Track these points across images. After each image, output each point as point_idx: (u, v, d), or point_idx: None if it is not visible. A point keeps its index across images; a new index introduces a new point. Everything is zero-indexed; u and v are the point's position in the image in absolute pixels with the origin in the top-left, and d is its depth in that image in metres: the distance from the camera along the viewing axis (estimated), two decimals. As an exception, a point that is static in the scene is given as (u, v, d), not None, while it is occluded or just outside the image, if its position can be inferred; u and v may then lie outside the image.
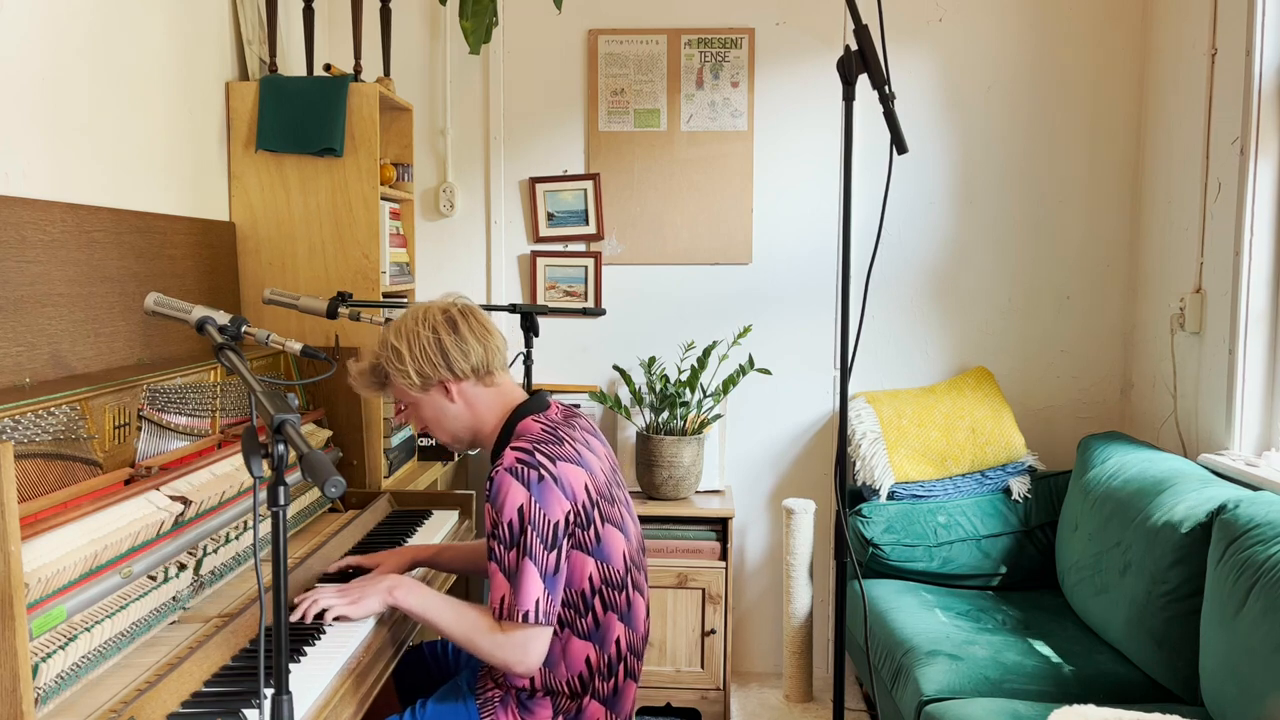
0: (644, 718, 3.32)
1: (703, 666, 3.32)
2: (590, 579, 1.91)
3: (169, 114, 2.57)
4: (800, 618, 3.36)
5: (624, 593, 1.97)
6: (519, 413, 2.00)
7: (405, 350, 1.94)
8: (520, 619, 1.81)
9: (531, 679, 1.93)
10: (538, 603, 1.82)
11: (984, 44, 3.48)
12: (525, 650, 1.84)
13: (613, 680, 1.96)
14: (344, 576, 2.19)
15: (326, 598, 1.93)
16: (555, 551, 1.85)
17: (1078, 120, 3.49)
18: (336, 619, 1.91)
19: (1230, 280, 2.85)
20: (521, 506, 1.82)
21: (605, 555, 1.93)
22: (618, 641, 1.96)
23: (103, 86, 2.28)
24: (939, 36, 3.49)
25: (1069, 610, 2.94)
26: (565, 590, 1.89)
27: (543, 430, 1.94)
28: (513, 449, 1.88)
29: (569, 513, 1.87)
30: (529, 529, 1.82)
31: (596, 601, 1.93)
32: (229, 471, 2.10)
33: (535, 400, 2.03)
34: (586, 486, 1.91)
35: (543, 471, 1.85)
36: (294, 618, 1.90)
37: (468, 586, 3.50)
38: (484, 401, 2.00)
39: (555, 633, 1.91)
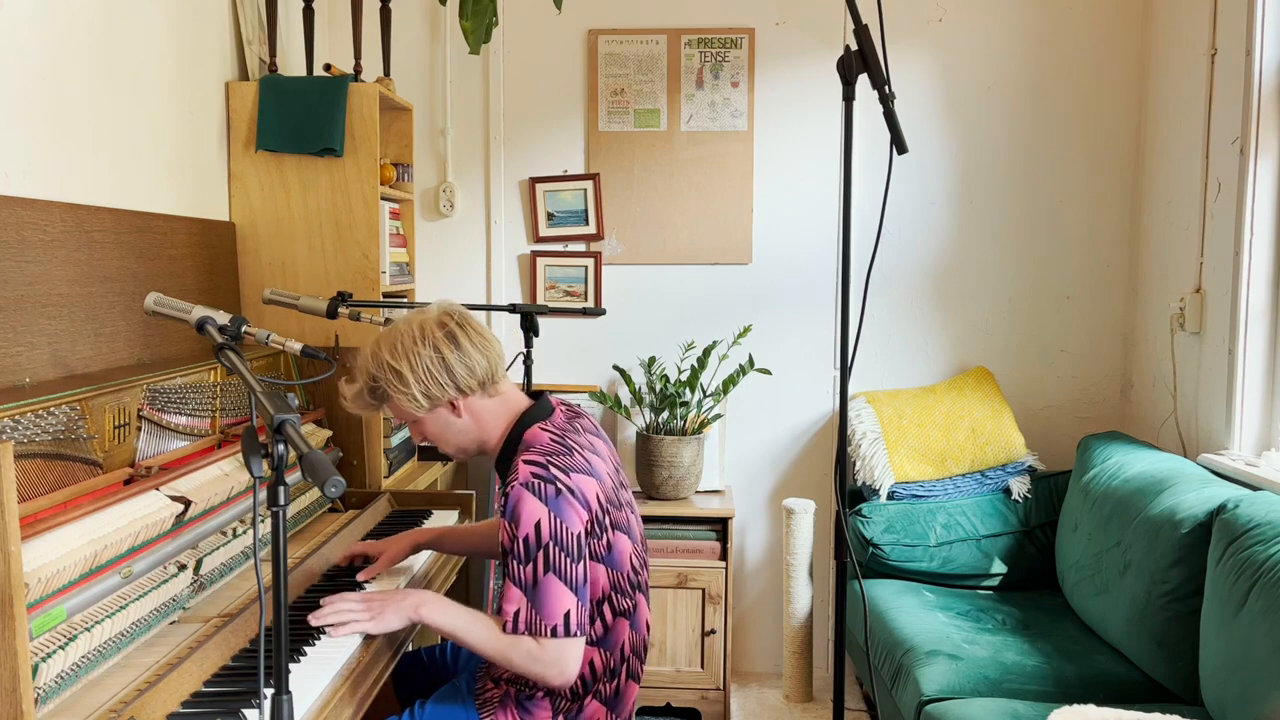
0: (644, 718, 3.32)
1: (703, 666, 3.32)
2: (603, 587, 1.91)
3: (169, 114, 2.57)
4: (800, 618, 3.36)
5: (630, 596, 1.96)
6: (524, 421, 1.97)
7: (408, 372, 1.88)
8: (549, 633, 1.79)
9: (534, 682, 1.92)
10: (569, 615, 1.80)
11: (984, 44, 3.48)
12: (563, 663, 1.81)
13: (614, 682, 1.96)
14: (351, 565, 2.26)
15: (349, 610, 1.88)
16: (581, 562, 1.83)
17: (1078, 120, 3.49)
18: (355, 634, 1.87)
19: (1230, 280, 2.85)
20: (540, 522, 1.79)
21: (615, 561, 1.92)
22: (622, 644, 1.96)
23: (103, 86, 2.28)
24: (939, 36, 3.49)
25: (1069, 610, 2.94)
26: None
27: (551, 440, 1.91)
28: (526, 463, 1.85)
29: (587, 522, 1.86)
30: (550, 544, 1.79)
31: (606, 608, 1.92)
32: (229, 471, 2.10)
33: (539, 406, 1.99)
34: (598, 496, 1.89)
35: (559, 485, 1.82)
36: (316, 623, 1.86)
37: (468, 588, 3.50)
38: (490, 412, 1.96)
39: None
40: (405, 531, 2.31)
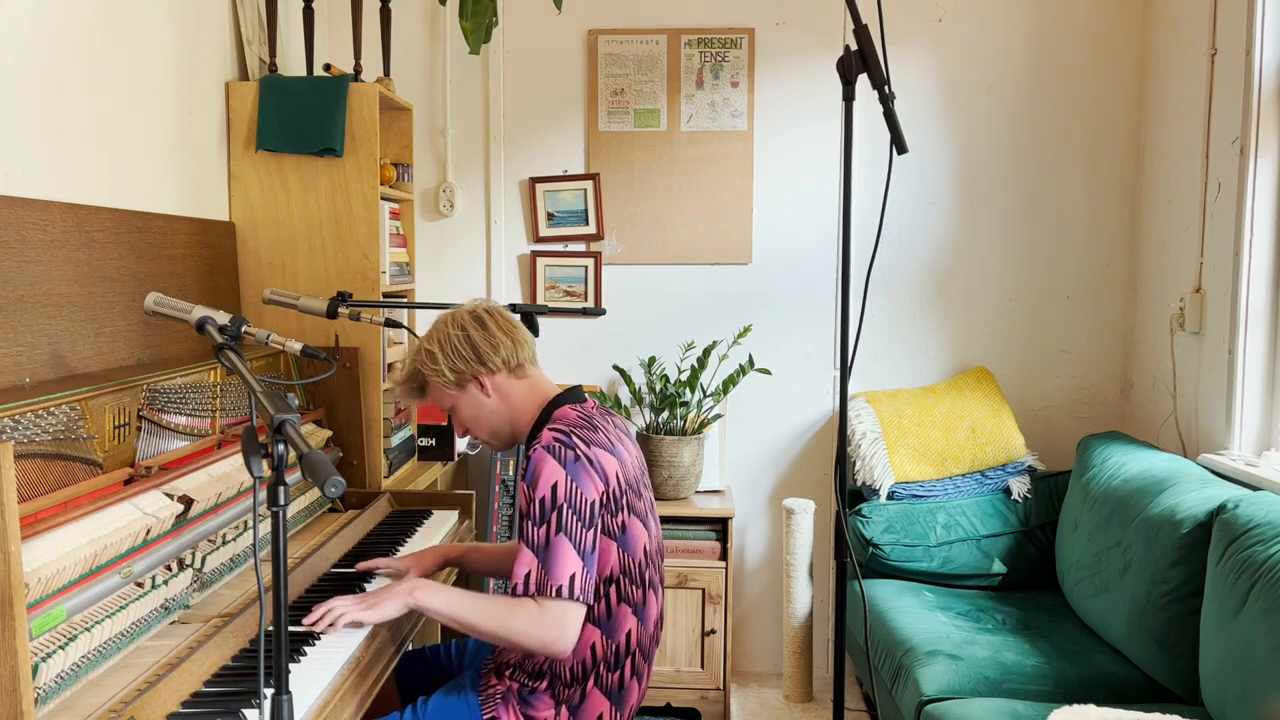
0: (644, 718, 3.32)
1: (703, 666, 3.32)
2: (611, 567, 1.93)
3: (169, 114, 2.57)
4: (800, 618, 3.36)
5: (640, 587, 1.98)
6: (556, 403, 2.04)
7: (438, 350, 2.02)
8: (553, 594, 1.82)
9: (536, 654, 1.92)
10: (573, 578, 1.83)
11: (984, 44, 3.48)
12: (562, 625, 1.84)
13: (618, 673, 1.96)
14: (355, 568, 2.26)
15: (342, 606, 1.90)
16: (592, 530, 1.87)
17: (1078, 120, 3.49)
18: (351, 624, 1.88)
19: (1230, 280, 2.85)
20: (556, 484, 1.85)
21: (628, 544, 1.95)
22: (628, 635, 1.97)
23: (103, 86, 2.27)
24: (939, 36, 3.49)
25: (1069, 610, 2.94)
26: None
27: (579, 417, 1.99)
28: (550, 429, 1.93)
29: (602, 494, 1.90)
30: (564, 506, 1.85)
31: (612, 590, 1.94)
32: (229, 471, 2.10)
33: (572, 393, 2.08)
34: (617, 474, 1.94)
35: (579, 452, 1.89)
36: (317, 627, 1.87)
37: (467, 584, 3.50)
38: (518, 394, 2.05)
39: None
40: (431, 547, 2.32)
